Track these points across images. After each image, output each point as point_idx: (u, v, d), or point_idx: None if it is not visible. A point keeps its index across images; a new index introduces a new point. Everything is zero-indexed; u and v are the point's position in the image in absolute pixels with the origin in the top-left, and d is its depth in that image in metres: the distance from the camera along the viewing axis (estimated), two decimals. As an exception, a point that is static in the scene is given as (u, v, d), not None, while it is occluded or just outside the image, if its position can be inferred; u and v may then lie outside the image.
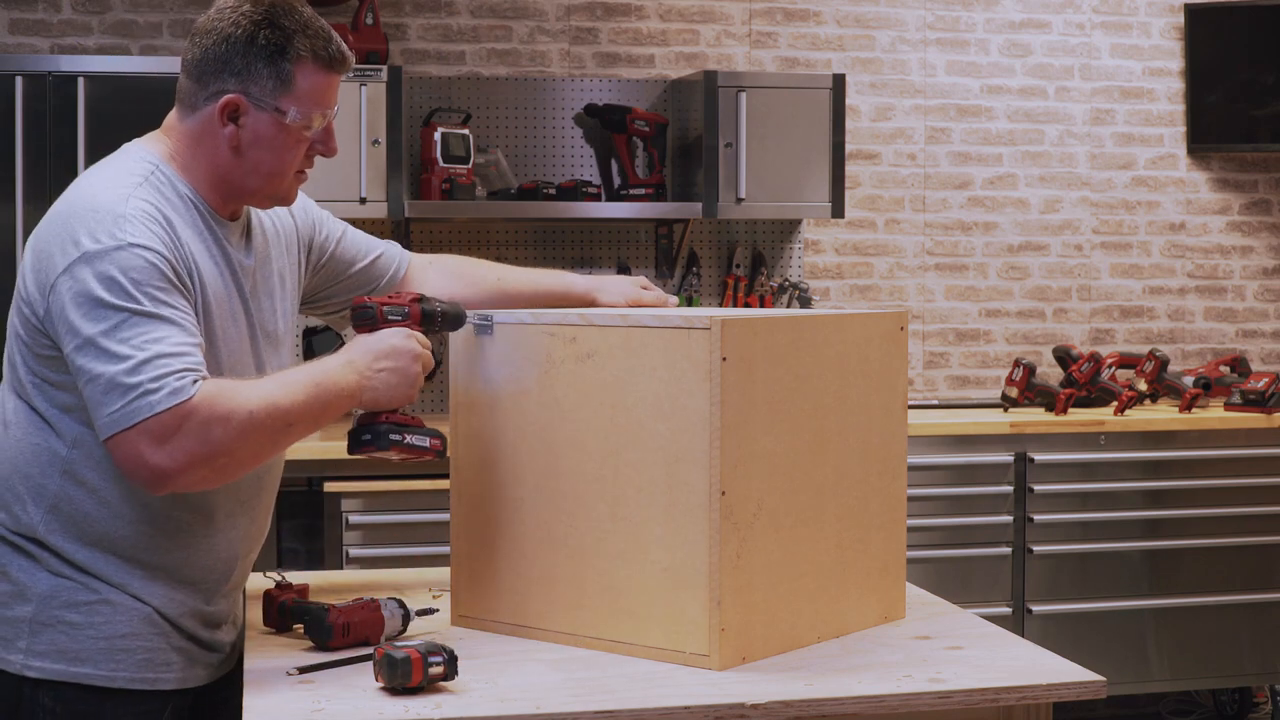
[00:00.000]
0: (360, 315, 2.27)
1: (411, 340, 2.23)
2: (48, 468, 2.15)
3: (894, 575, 2.50)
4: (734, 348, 2.16)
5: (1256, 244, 5.87)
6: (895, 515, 2.50)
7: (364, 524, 4.42)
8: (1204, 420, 5.11)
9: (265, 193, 2.24)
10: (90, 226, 2.06)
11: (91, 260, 2.04)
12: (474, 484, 2.42)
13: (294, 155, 2.22)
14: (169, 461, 2.01)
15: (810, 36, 5.49)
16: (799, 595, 2.30)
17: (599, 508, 2.26)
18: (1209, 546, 5.08)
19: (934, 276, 5.62)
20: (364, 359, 2.19)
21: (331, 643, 2.26)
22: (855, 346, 2.40)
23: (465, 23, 5.26)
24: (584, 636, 2.28)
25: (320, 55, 2.20)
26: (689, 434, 2.17)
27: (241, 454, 2.08)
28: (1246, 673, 5.21)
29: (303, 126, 2.19)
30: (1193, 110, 5.75)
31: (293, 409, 2.10)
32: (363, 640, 2.27)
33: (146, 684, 2.18)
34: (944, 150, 5.61)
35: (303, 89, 2.18)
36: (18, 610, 2.16)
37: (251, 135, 2.18)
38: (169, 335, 2.03)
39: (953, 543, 4.90)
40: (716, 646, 2.17)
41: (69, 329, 2.04)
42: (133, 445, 2.01)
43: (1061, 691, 2.14)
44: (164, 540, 2.18)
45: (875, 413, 2.44)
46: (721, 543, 2.16)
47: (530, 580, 2.35)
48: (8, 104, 4.37)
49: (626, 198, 5.09)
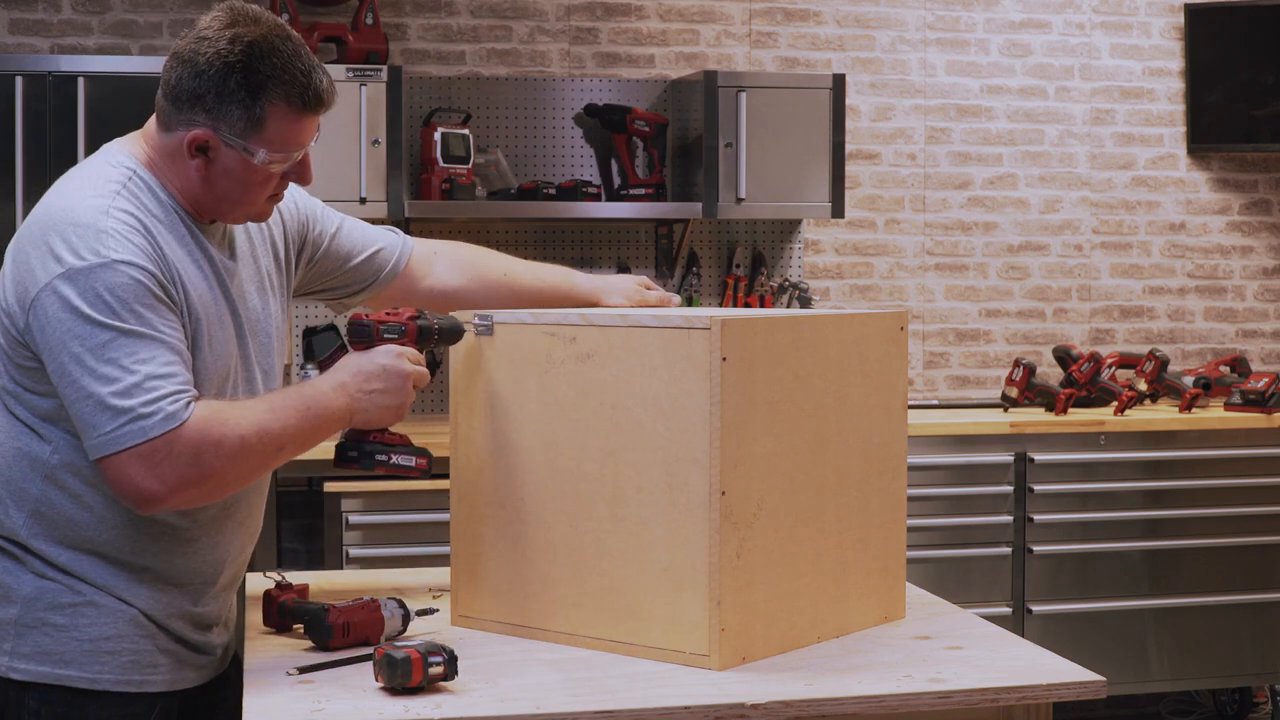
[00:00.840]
0: (356, 332, 2.28)
1: (402, 360, 2.23)
2: (29, 472, 2.14)
3: (894, 575, 2.50)
4: (734, 348, 2.16)
5: (1256, 244, 5.87)
6: (895, 515, 2.50)
7: (364, 524, 4.42)
8: (1204, 420, 5.11)
9: (234, 215, 2.22)
10: (71, 241, 2.05)
11: (74, 277, 2.03)
12: (474, 484, 2.42)
13: (263, 189, 2.19)
14: (159, 485, 2.02)
15: (810, 36, 5.49)
16: (799, 595, 2.30)
17: (599, 508, 2.26)
18: (1209, 546, 5.07)
19: (934, 276, 5.62)
20: (354, 381, 2.20)
21: (331, 643, 2.26)
22: (855, 346, 2.40)
23: (465, 23, 5.26)
24: (584, 636, 2.28)
25: (294, 101, 2.14)
26: (689, 434, 2.17)
27: (231, 477, 2.09)
28: (1246, 673, 5.21)
29: (272, 165, 2.16)
30: (1193, 110, 5.75)
31: (283, 433, 2.11)
32: (363, 640, 2.27)
33: (133, 686, 2.16)
34: (944, 150, 5.61)
35: (274, 133, 2.14)
36: (2, 612, 2.15)
37: (220, 169, 2.15)
38: (157, 355, 2.03)
39: (953, 543, 4.90)
40: (716, 646, 2.17)
41: (54, 346, 2.03)
42: (123, 468, 2.02)
43: (1061, 691, 2.14)
44: (148, 544, 2.17)
45: (875, 413, 2.44)
46: (721, 543, 2.16)
47: (530, 580, 2.35)
48: (8, 104, 4.37)
49: (626, 198, 5.09)
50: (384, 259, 2.54)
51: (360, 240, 2.53)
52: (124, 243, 2.05)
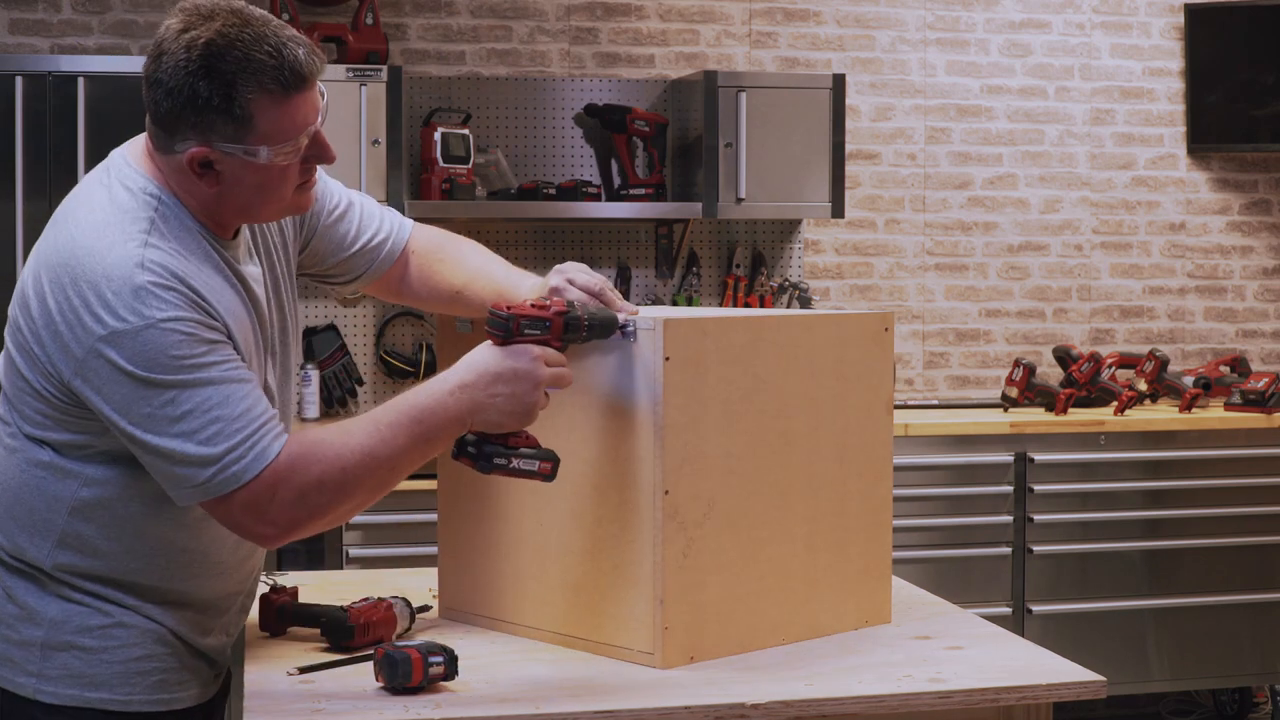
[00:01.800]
0: (494, 325, 2.08)
1: (538, 365, 2.06)
2: (54, 505, 2.06)
3: (877, 578, 2.47)
4: (679, 348, 2.16)
5: (1256, 244, 5.87)
6: (879, 518, 2.47)
7: (364, 524, 4.42)
8: (1204, 420, 5.11)
9: (267, 216, 2.12)
10: (107, 299, 1.93)
11: (119, 342, 1.92)
12: (455, 483, 2.47)
13: (284, 183, 2.05)
14: (273, 530, 1.98)
15: (810, 36, 5.49)
16: (758, 596, 2.29)
17: (560, 506, 2.28)
18: (1209, 546, 5.08)
19: (934, 276, 5.61)
20: (479, 382, 2.04)
21: (352, 643, 2.27)
22: (829, 348, 2.37)
23: (465, 23, 5.26)
24: (548, 631, 2.31)
25: (271, 88, 1.96)
26: (635, 433, 2.18)
27: (346, 508, 2.01)
28: (1246, 673, 5.21)
29: (281, 158, 2.01)
30: (1193, 110, 5.75)
31: (394, 455, 2.00)
32: (378, 639, 2.28)
33: (163, 705, 2.11)
34: (944, 150, 5.61)
35: (266, 126, 1.97)
36: (27, 633, 2.08)
37: (231, 181, 2.01)
38: (230, 395, 1.95)
39: (953, 543, 4.90)
40: (660, 645, 2.17)
41: (114, 414, 1.94)
42: (228, 514, 1.97)
43: (1061, 691, 2.14)
44: (178, 571, 2.11)
45: (854, 415, 2.41)
46: (665, 542, 2.16)
47: (504, 576, 2.39)
48: (8, 104, 4.37)
49: (626, 198, 5.09)
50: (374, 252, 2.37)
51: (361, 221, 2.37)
52: (162, 298, 1.94)
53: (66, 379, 1.97)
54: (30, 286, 2.02)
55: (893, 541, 2.52)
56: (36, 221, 4.33)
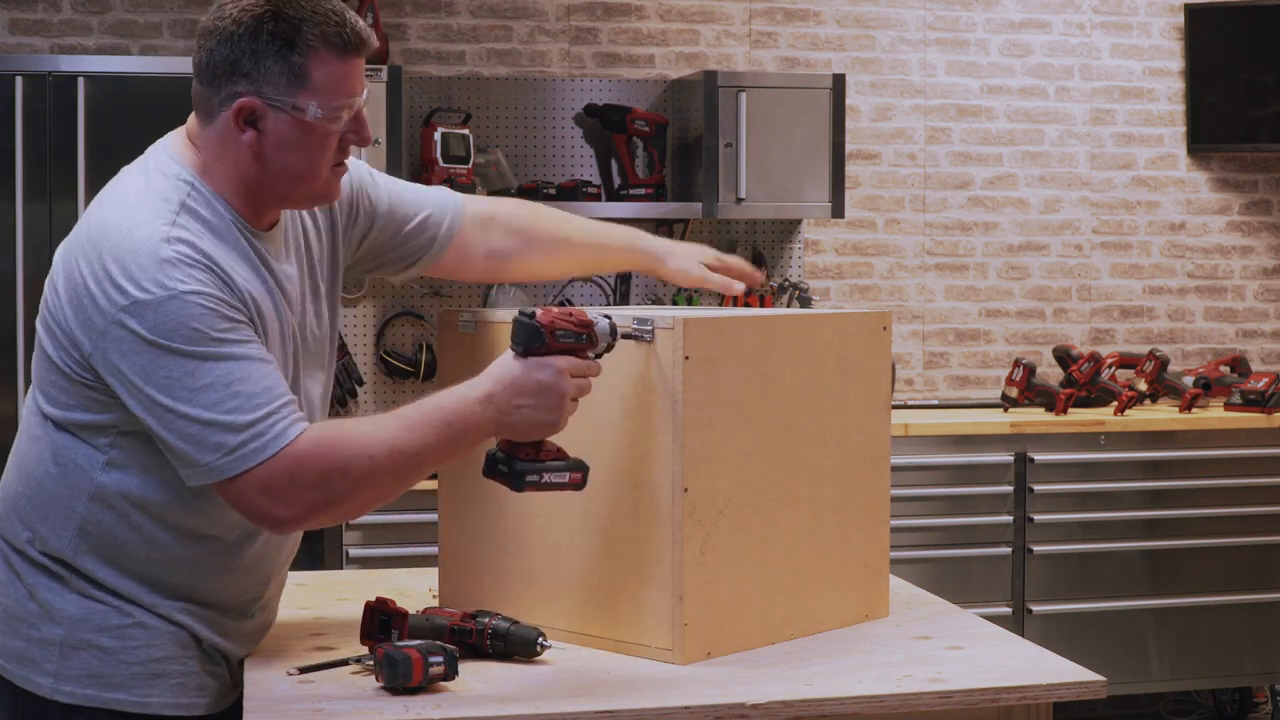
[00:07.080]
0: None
1: (563, 379, 2.04)
2: (74, 490, 2.06)
3: (876, 573, 2.50)
4: (697, 347, 2.17)
5: (1256, 244, 5.88)
6: (878, 514, 2.50)
7: (364, 524, 4.42)
8: (1204, 420, 5.11)
9: (299, 195, 2.10)
10: (131, 271, 1.94)
11: (141, 312, 1.93)
12: (458, 481, 2.46)
13: (323, 153, 2.06)
14: (289, 512, 1.96)
15: (810, 36, 5.49)
16: (769, 592, 2.31)
17: (570, 503, 2.27)
18: (1209, 546, 5.08)
19: (934, 276, 5.62)
20: (504, 394, 2.03)
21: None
22: (832, 346, 2.40)
23: (465, 23, 5.26)
24: (558, 629, 2.30)
25: (333, 41, 2.00)
26: (654, 431, 2.19)
27: (364, 500, 2.00)
28: (1246, 673, 5.21)
29: (328, 120, 2.03)
30: (1193, 110, 5.75)
31: (421, 452, 2.00)
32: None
33: (181, 709, 2.11)
34: (944, 150, 5.61)
35: (319, 81, 2.01)
36: (46, 632, 2.08)
37: (274, 139, 2.02)
38: (250, 373, 1.94)
39: (953, 543, 4.90)
40: (680, 641, 2.18)
41: (135, 382, 1.94)
42: (243, 495, 1.95)
43: (1061, 691, 2.14)
44: (198, 565, 2.11)
45: (855, 412, 2.44)
46: (685, 539, 2.17)
47: (509, 574, 2.38)
48: (8, 104, 4.37)
49: (626, 198, 5.09)
50: (433, 228, 2.38)
51: (413, 206, 2.38)
52: (187, 273, 1.94)
53: (87, 352, 1.98)
54: (60, 265, 2.04)
55: (893, 541, 2.54)
56: (36, 221, 4.33)
